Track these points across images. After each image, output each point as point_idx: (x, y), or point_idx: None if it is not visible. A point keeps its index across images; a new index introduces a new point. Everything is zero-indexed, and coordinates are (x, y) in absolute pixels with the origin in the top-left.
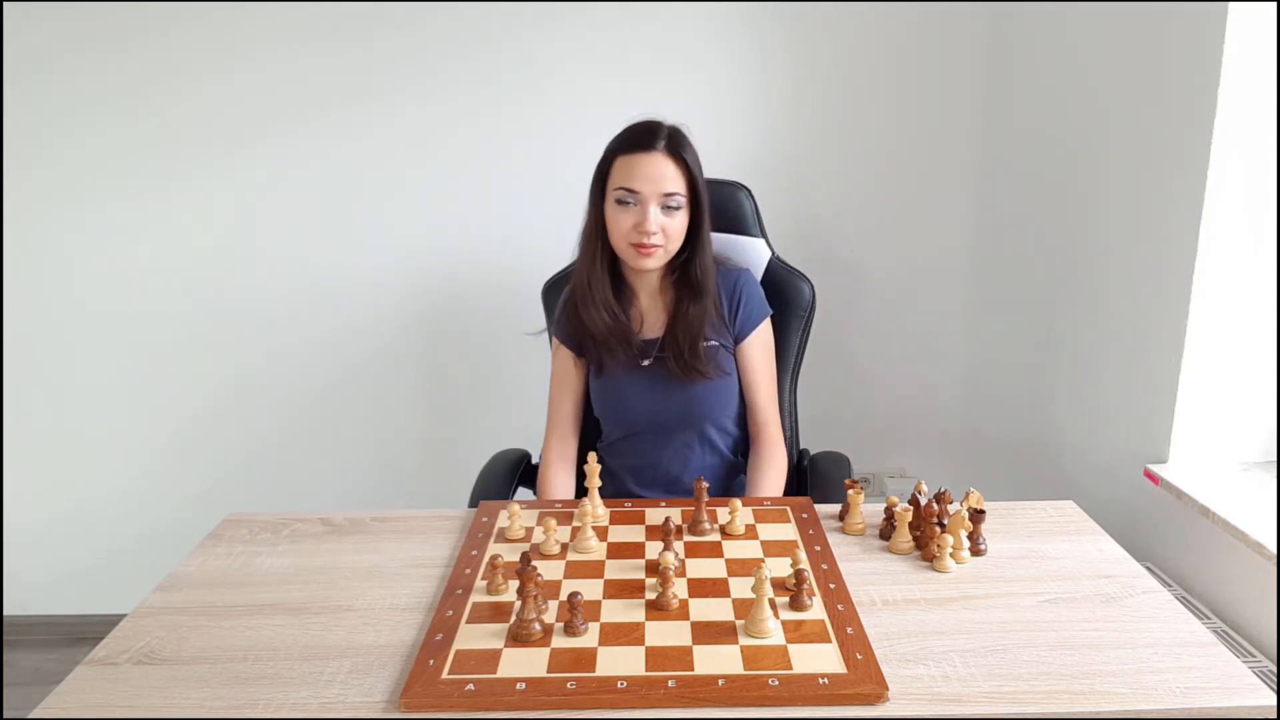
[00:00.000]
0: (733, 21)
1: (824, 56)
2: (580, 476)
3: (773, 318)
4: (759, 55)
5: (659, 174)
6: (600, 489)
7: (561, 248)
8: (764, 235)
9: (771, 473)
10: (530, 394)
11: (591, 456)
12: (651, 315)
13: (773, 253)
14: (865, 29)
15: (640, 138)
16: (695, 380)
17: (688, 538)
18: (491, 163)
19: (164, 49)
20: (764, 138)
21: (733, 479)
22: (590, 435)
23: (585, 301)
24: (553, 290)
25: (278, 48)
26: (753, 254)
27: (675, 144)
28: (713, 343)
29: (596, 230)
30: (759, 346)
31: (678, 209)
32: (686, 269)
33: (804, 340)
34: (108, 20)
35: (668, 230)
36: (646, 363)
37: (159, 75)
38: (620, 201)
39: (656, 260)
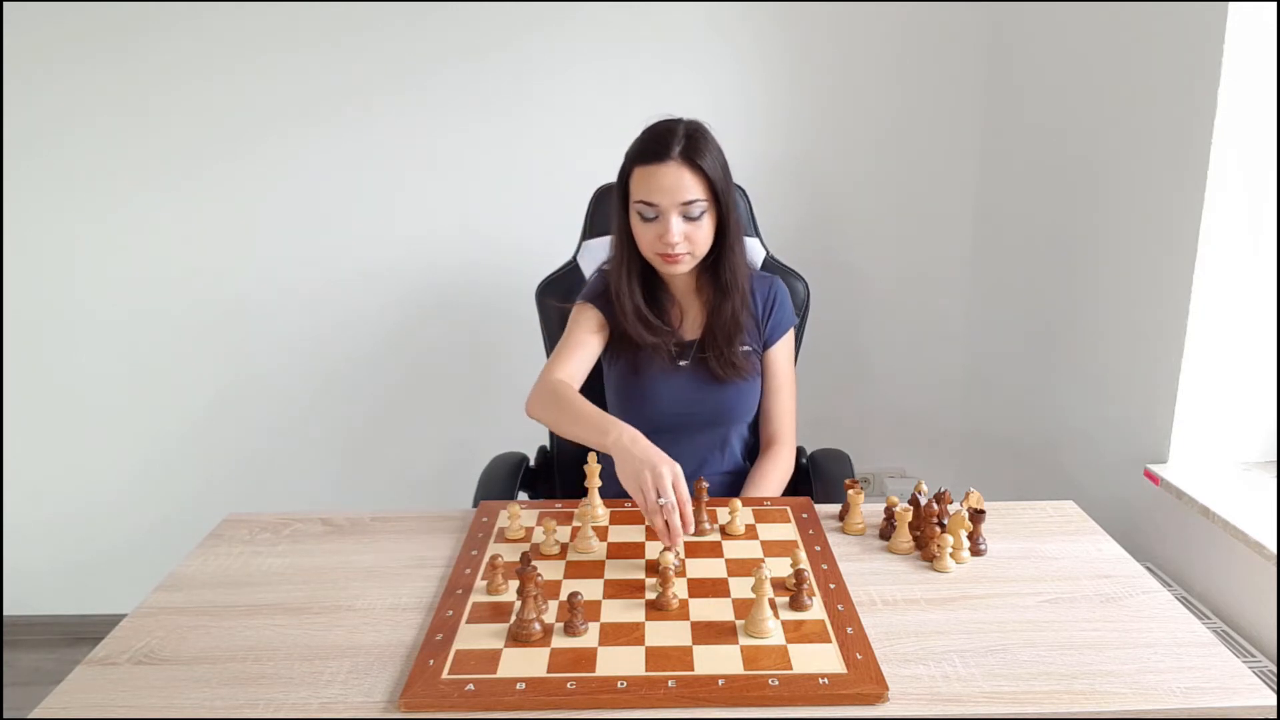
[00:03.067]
0: (732, 21)
1: (824, 56)
2: (581, 476)
3: None
4: (759, 55)
5: (675, 184)
6: (600, 489)
7: (563, 249)
8: (758, 234)
9: (775, 473)
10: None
11: (591, 457)
12: (690, 314)
13: (767, 252)
14: (865, 28)
15: (654, 147)
16: (733, 379)
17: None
18: (493, 163)
19: (165, 49)
20: (764, 137)
21: (739, 483)
22: None
23: (619, 307)
24: (547, 291)
25: (278, 49)
26: (747, 253)
27: (690, 149)
28: (746, 347)
29: (624, 237)
30: (784, 354)
31: (700, 215)
32: (716, 270)
33: (799, 338)
34: (108, 20)
35: (692, 238)
36: (684, 363)
37: (160, 75)
38: (642, 215)
39: (685, 266)
